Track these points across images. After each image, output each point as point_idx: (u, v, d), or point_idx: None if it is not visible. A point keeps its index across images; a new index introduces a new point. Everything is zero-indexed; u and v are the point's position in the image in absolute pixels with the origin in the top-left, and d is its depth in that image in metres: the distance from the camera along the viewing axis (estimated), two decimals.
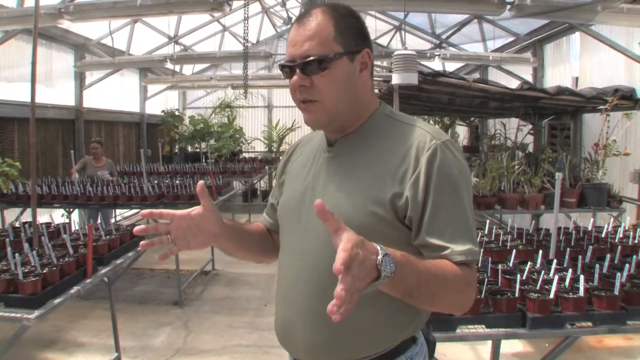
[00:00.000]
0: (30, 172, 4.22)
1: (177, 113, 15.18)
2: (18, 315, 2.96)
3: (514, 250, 3.55)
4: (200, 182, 1.67)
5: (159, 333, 5.84)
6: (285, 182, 1.87)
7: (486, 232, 4.43)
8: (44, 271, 3.26)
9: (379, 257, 1.23)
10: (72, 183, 7.53)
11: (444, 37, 12.30)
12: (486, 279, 3.01)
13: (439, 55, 10.19)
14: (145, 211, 1.68)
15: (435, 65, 11.25)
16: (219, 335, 5.77)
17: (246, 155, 15.89)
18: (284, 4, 13.50)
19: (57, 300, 3.18)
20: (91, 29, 10.61)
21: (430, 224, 1.50)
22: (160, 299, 6.96)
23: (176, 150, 15.34)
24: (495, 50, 10.95)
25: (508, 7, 6.05)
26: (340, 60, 1.58)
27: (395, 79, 5.34)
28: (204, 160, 13.70)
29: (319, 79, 1.57)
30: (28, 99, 8.78)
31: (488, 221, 4.64)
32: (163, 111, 14.87)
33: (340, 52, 1.57)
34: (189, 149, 15.43)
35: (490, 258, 3.53)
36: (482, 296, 2.83)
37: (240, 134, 15.44)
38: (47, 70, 9.80)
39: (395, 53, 5.39)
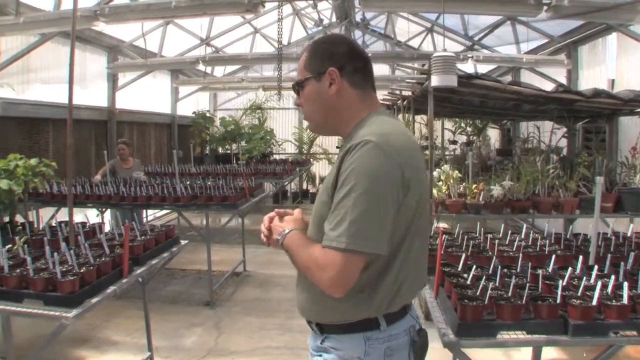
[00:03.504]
0: (66, 172, 4.25)
1: (208, 114, 15.25)
2: (57, 313, 2.98)
3: (554, 256, 3.48)
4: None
5: (191, 333, 5.87)
6: None
7: (522, 236, 4.34)
8: (82, 270, 3.28)
9: (281, 232, 2.02)
10: (98, 185, 7.57)
11: (476, 39, 12.16)
12: (527, 284, 2.95)
13: (472, 57, 10.08)
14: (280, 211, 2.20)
15: (468, 67, 11.15)
16: (250, 336, 5.77)
17: (277, 156, 15.91)
18: (315, 6, 13.48)
19: (94, 300, 3.20)
20: (124, 31, 10.72)
21: (330, 213, 1.84)
22: (192, 299, 6.99)
23: (207, 152, 15.40)
24: (529, 52, 10.80)
25: (545, 8, 5.95)
26: (309, 82, 2.05)
27: (434, 81, 5.29)
28: (234, 162, 13.75)
29: (302, 98, 2.10)
30: (63, 100, 8.99)
31: (525, 225, 4.56)
32: (194, 112, 14.96)
33: (308, 76, 2.05)
34: (220, 150, 15.49)
35: (530, 263, 3.47)
36: (524, 302, 2.77)
37: (271, 136, 15.48)
38: (81, 72, 9.93)
39: (434, 55, 5.34)
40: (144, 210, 9.04)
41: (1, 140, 7.69)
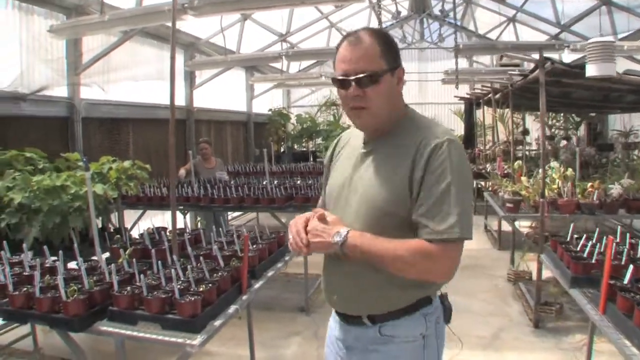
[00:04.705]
0: (169, 173, 3.97)
1: (284, 111, 15.02)
2: (179, 340, 2.66)
3: None
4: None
5: (289, 343, 5.52)
6: (331, 169, 2.28)
7: None
8: (200, 289, 2.94)
9: (336, 234, 1.91)
10: (183, 184, 7.31)
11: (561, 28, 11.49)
12: None
13: (568, 46, 9.41)
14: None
15: (565, 57, 10.48)
16: None
17: None
18: None
19: (217, 323, 2.86)
20: (200, 28, 10.51)
21: (420, 206, 1.86)
22: (284, 305, 6.64)
23: (283, 149, 15.16)
24: (624, 39, 10.06)
25: None
26: (386, 74, 1.95)
27: (591, 71, 4.81)
28: (312, 159, 13.43)
29: (370, 90, 1.93)
30: (142, 100, 8.83)
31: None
32: (270, 110, 14.75)
33: (385, 68, 1.95)
34: (296, 147, 15.22)
35: None
36: None
37: None
38: (159, 70, 9.70)
39: (590, 41, 4.89)
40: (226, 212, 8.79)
41: (84, 141, 7.54)
